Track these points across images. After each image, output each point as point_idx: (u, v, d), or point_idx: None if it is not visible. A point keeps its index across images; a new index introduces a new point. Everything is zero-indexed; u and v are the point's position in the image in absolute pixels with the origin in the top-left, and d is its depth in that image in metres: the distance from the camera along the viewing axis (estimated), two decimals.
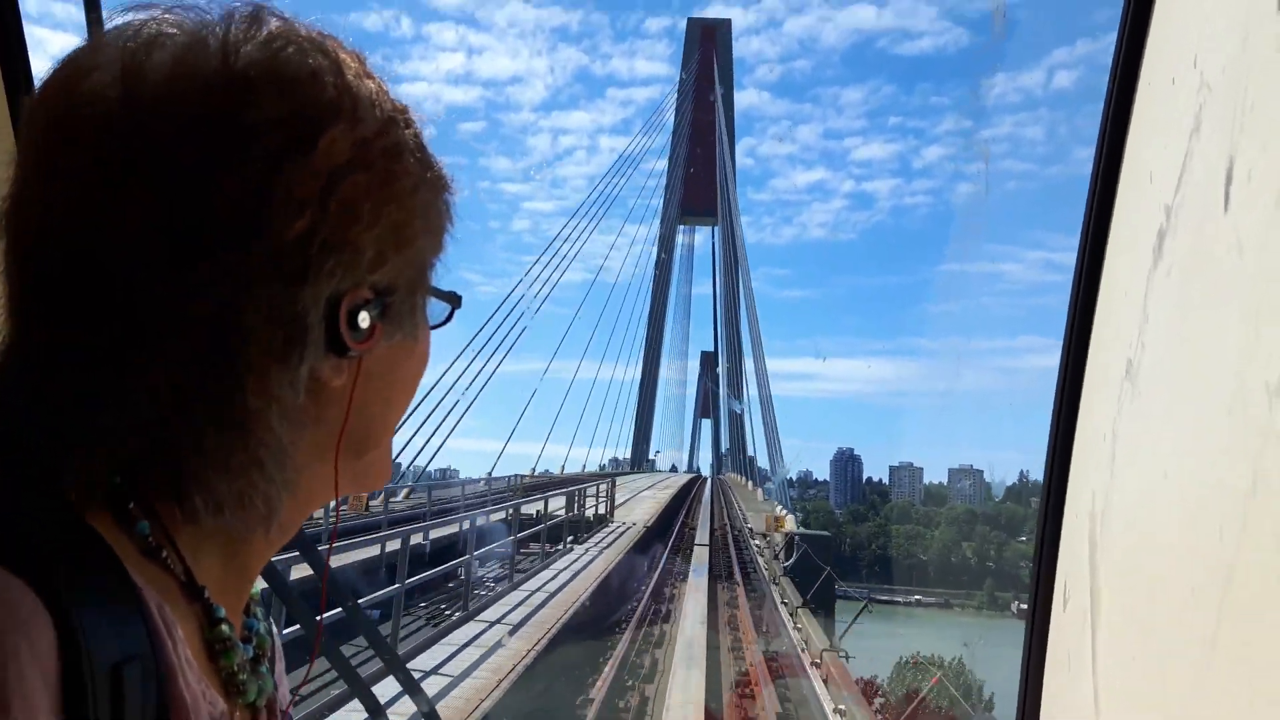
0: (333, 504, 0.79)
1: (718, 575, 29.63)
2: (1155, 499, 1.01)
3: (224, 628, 0.66)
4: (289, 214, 0.61)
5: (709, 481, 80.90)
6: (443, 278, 0.76)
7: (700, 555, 31.15)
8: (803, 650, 18.68)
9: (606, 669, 15.35)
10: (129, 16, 0.66)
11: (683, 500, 50.08)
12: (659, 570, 26.17)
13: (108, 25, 0.65)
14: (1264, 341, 0.83)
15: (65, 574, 0.55)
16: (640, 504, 38.83)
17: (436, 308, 0.77)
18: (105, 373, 0.60)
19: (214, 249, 0.60)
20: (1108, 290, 1.18)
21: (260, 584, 0.80)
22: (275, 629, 0.83)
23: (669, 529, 34.91)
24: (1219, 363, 0.90)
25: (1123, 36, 1.15)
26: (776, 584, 28.46)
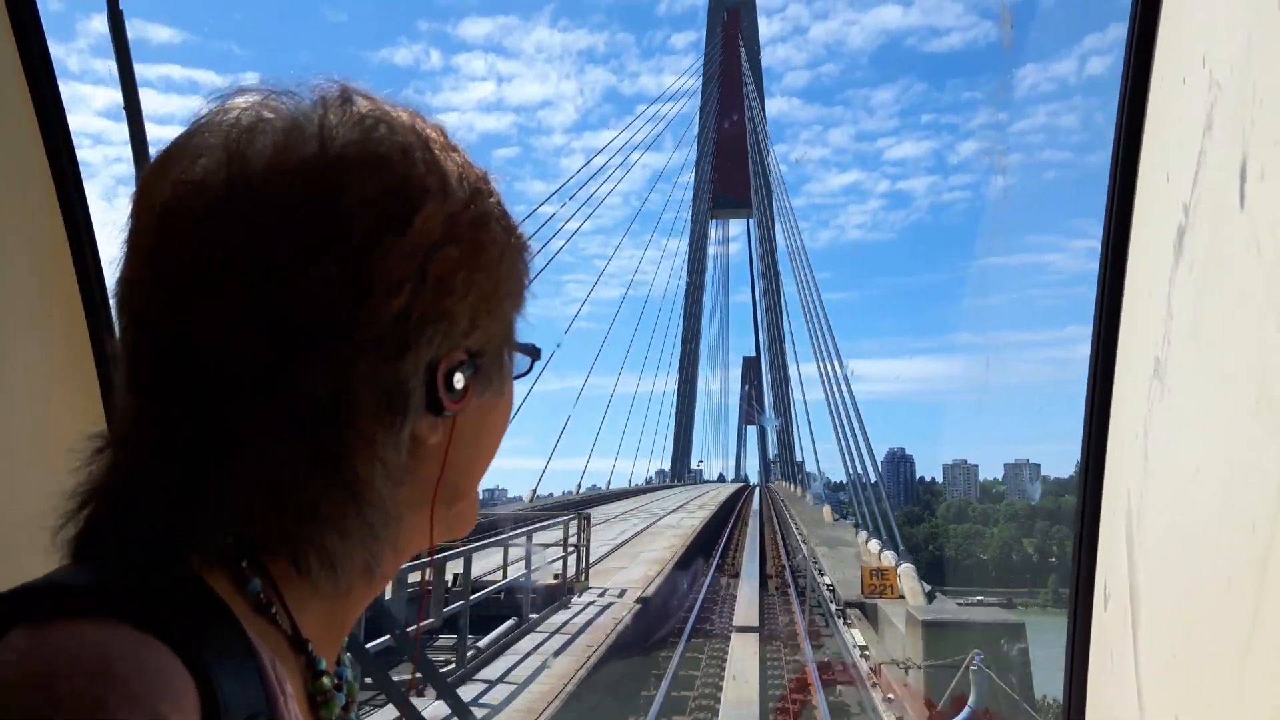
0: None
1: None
2: (1188, 496, 1.02)
3: (325, 680, 0.69)
4: (387, 293, 0.64)
5: (757, 492, 77.41)
6: (522, 332, 0.80)
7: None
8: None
9: None
10: (228, 101, 0.69)
11: (721, 525, 39.91)
12: None
13: (203, 111, 0.68)
14: None
15: (199, 635, 0.58)
16: (652, 543, 25.40)
17: (519, 359, 0.80)
18: (220, 451, 0.63)
19: (318, 333, 0.63)
20: (1132, 289, 1.19)
21: None
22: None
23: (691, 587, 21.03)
24: (1244, 359, 0.91)
25: (1132, 36, 1.16)
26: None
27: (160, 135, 0.74)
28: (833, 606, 20.10)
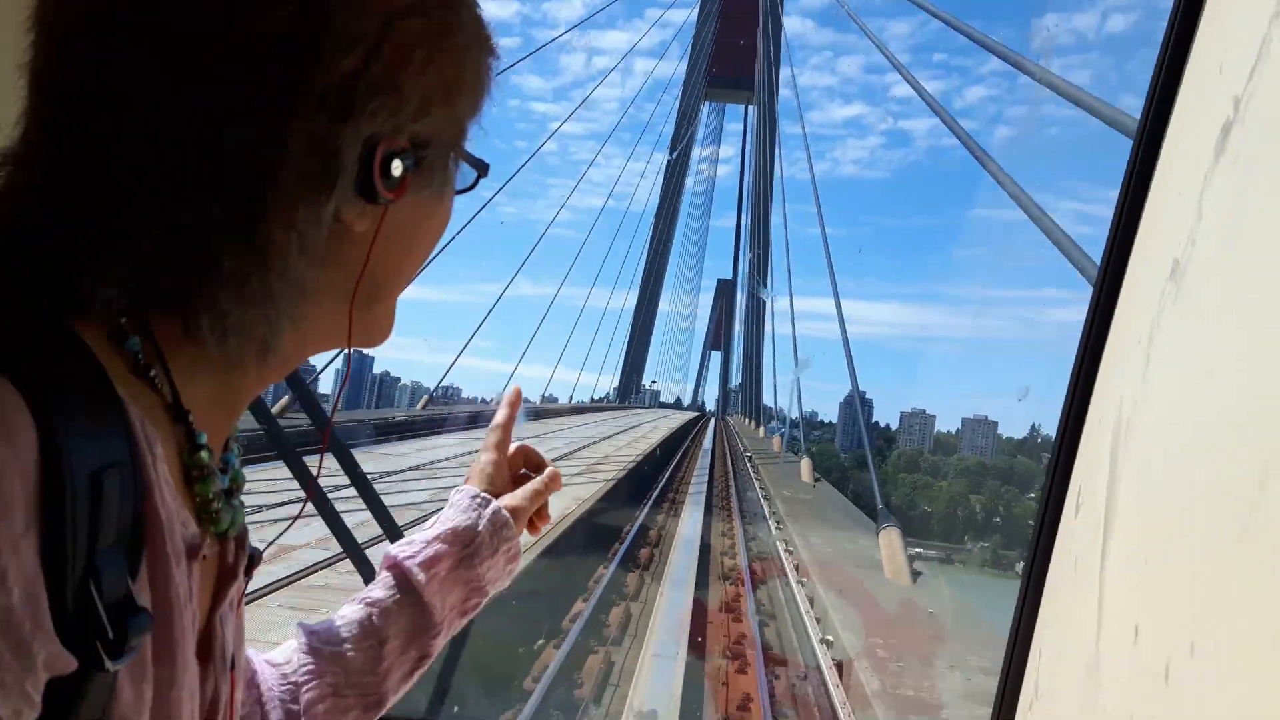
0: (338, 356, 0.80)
1: None
2: (1190, 407, 0.97)
3: (203, 454, 0.66)
4: (339, 50, 0.61)
5: (711, 424, 72.59)
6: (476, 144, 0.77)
7: None
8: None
9: None
10: None
11: (656, 478, 29.91)
12: None
13: None
14: None
15: (48, 380, 0.54)
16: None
17: (465, 171, 0.77)
18: (118, 194, 0.59)
19: (253, 84, 0.59)
20: (1161, 180, 1.13)
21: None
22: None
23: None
24: (1271, 269, 0.85)
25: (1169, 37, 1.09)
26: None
27: None
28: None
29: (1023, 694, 1.24)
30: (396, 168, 0.66)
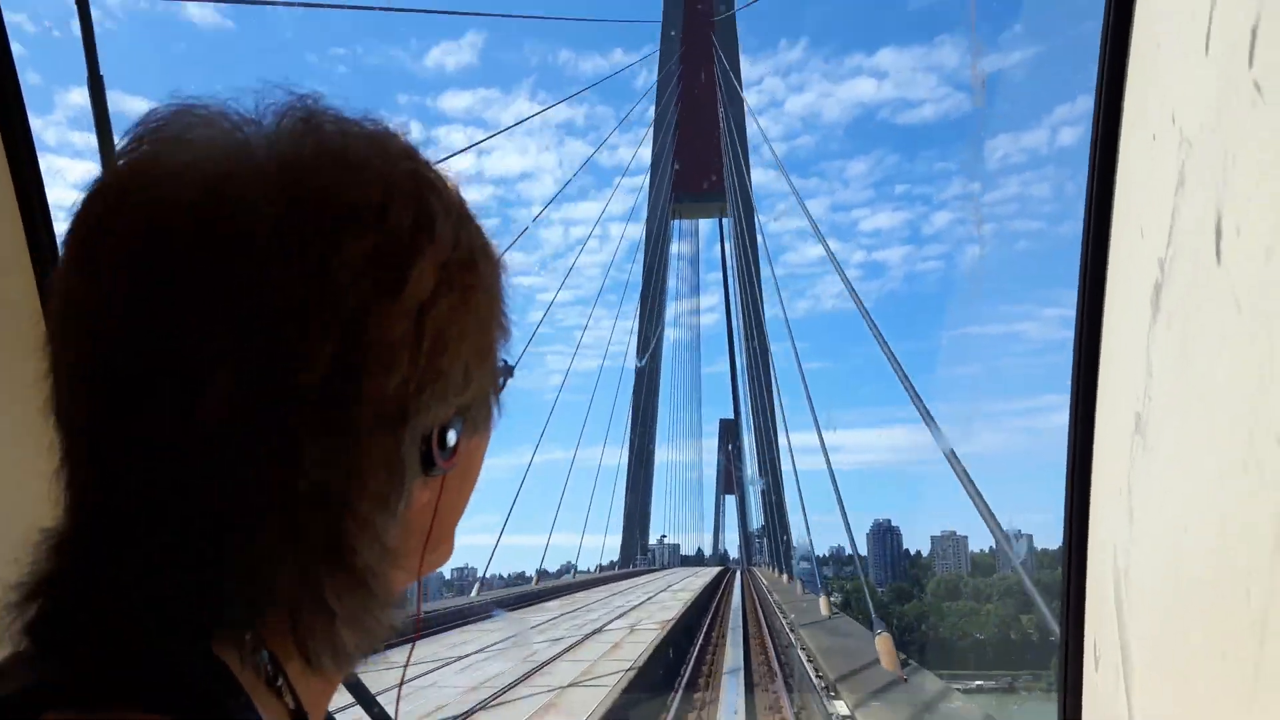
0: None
1: None
2: (1178, 553, 1.00)
3: None
4: (386, 366, 0.58)
5: (737, 586, 51.98)
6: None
7: None
8: None
9: None
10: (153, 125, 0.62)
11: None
12: None
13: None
14: (1269, 394, 0.83)
15: (211, 711, 0.56)
16: None
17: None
18: (213, 536, 0.58)
19: (317, 418, 0.57)
20: (1109, 345, 1.19)
21: None
22: None
23: None
24: (1227, 415, 0.90)
25: (1101, 94, 1.17)
26: None
27: None
28: None
29: None
30: (452, 438, 0.64)
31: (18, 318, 1.28)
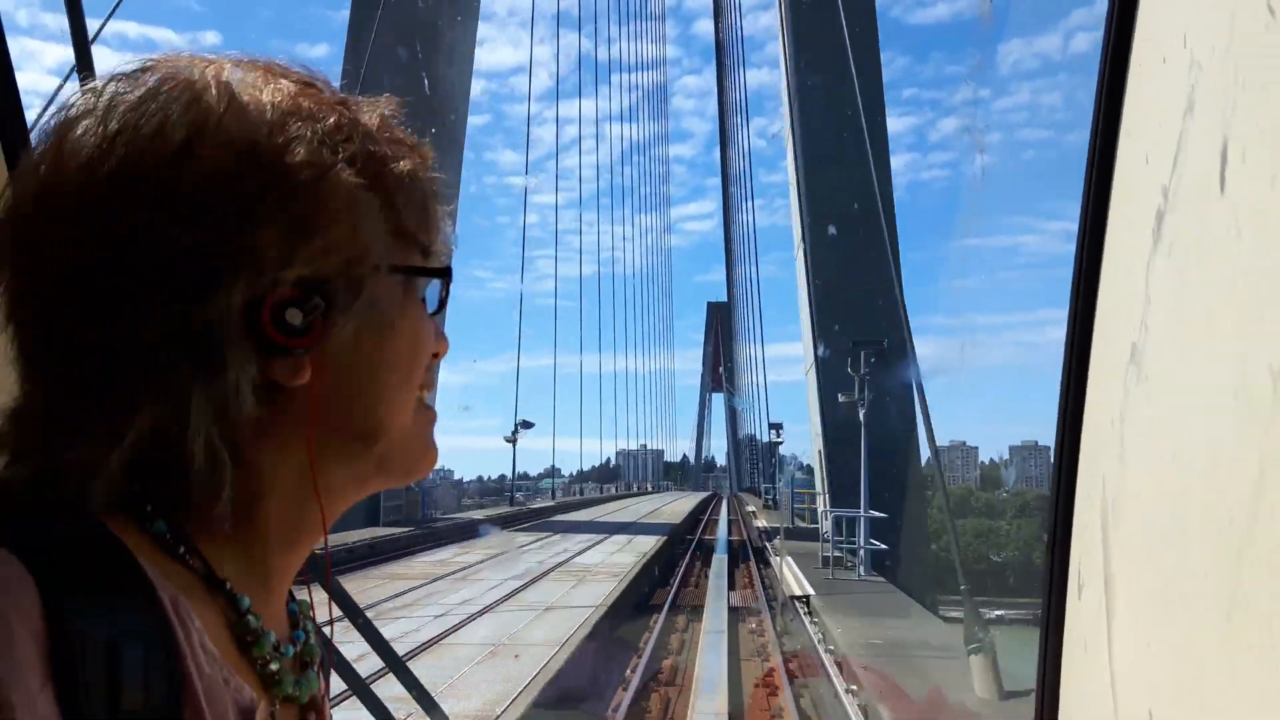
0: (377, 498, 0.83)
1: None
2: (1165, 485, 1.00)
3: (250, 619, 0.69)
4: (171, 235, 0.64)
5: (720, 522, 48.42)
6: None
7: None
8: None
9: None
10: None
11: None
12: None
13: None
14: (1266, 325, 0.82)
15: (60, 555, 0.59)
16: None
17: (426, 287, 0.78)
18: (83, 415, 0.65)
19: (106, 285, 0.64)
20: (1109, 273, 1.17)
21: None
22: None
23: None
24: (1222, 346, 0.89)
25: (1112, 14, 1.13)
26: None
27: None
28: None
29: None
30: (294, 316, 0.67)
31: None
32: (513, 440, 49.29)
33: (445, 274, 0.79)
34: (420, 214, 0.77)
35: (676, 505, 61.46)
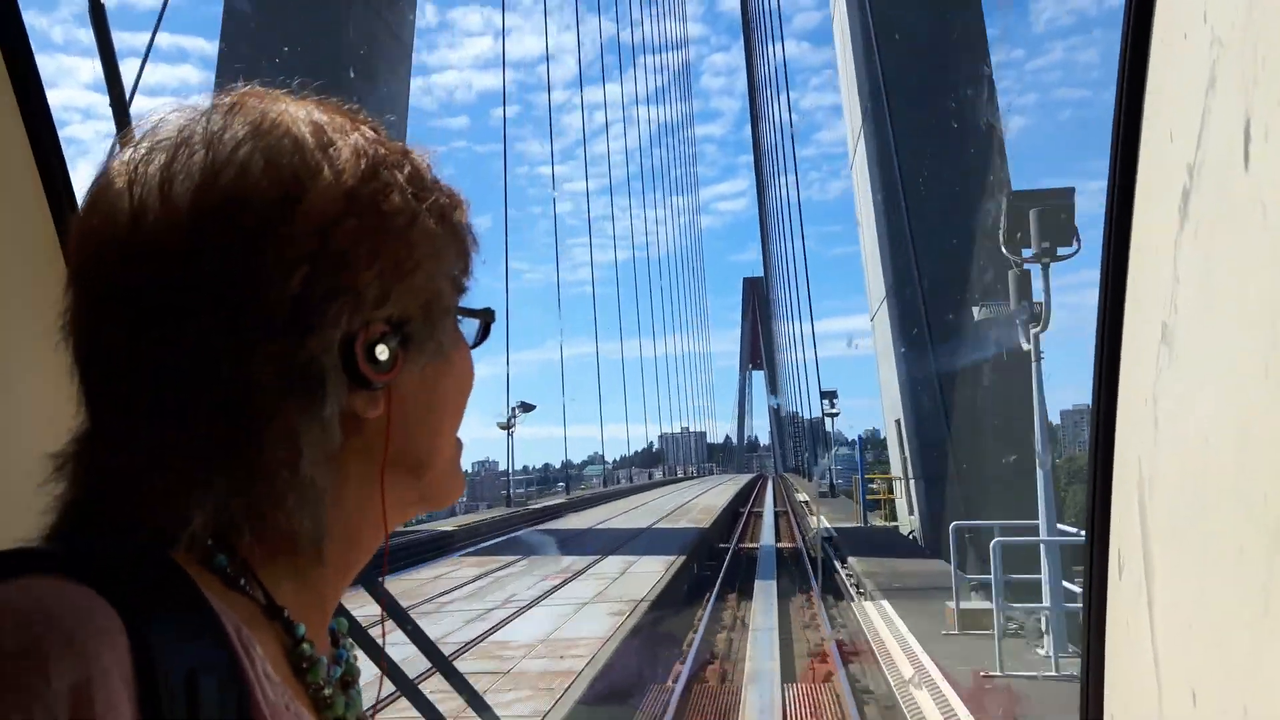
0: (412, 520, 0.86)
1: None
2: (1198, 464, 1.00)
3: (305, 646, 0.73)
4: (281, 276, 0.67)
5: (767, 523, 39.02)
6: (476, 296, 0.83)
7: None
8: None
9: None
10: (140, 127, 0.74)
11: None
12: None
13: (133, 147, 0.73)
14: None
15: (143, 593, 0.61)
16: None
17: (470, 325, 0.83)
18: (150, 448, 0.67)
19: (214, 326, 0.66)
20: (1138, 252, 1.16)
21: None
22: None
23: None
24: (1252, 324, 0.89)
25: None
26: None
27: (146, 106, 0.78)
28: None
29: None
30: (382, 353, 0.71)
31: (24, 235, 1.30)
32: (507, 428, 42.96)
33: (491, 315, 0.84)
34: (465, 260, 0.81)
35: (711, 497, 49.28)
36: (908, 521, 25.38)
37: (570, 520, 35.09)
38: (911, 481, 23.82)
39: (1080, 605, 1.46)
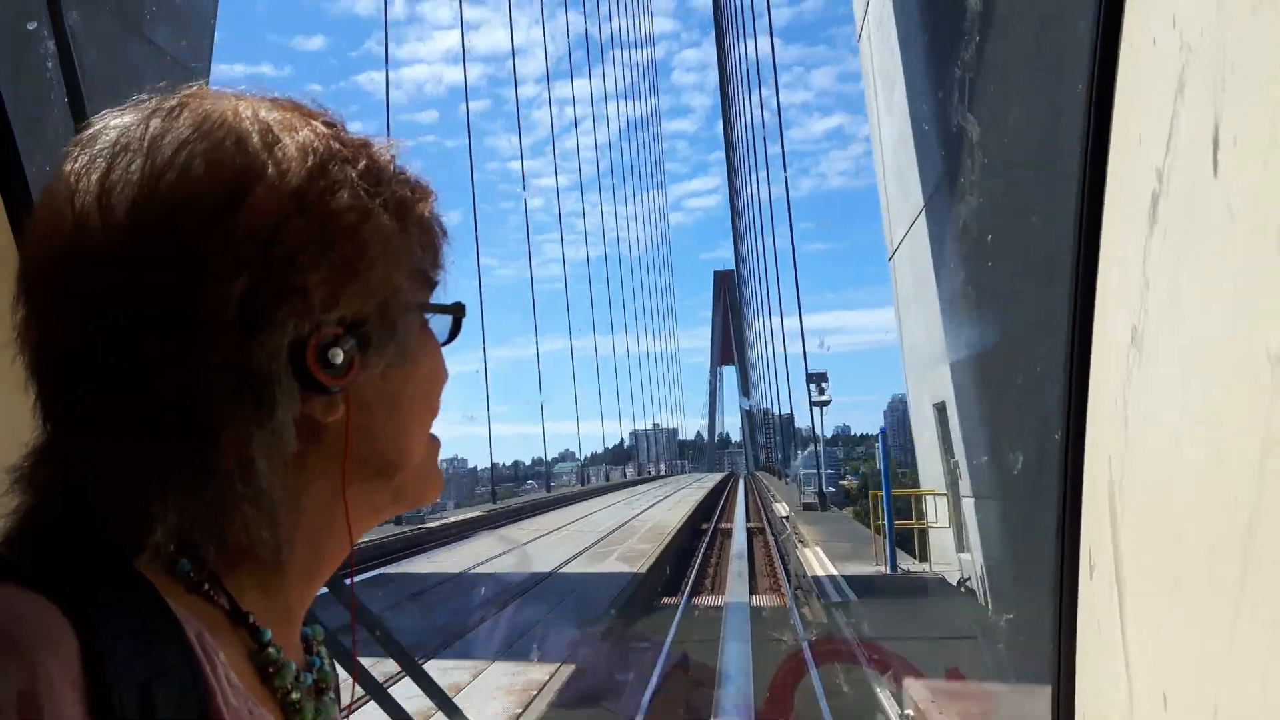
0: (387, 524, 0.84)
1: None
2: (1170, 465, 1.01)
3: (271, 650, 0.71)
4: (225, 279, 0.65)
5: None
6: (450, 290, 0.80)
7: None
8: None
9: None
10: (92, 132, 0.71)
11: None
12: None
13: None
14: (1262, 306, 0.82)
15: (95, 600, 0.60)
16: None
17: (440, 324, 0.81)
18: (117, 457, 0.65)
19: (157, 333, 0.64)
20: (1108, 254, 1.17)
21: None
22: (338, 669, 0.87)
23: None
24: (1221, 328, 0.90)
25: None
26: None
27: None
28: None
29: None
30: (336, 356, 0.69)
31: None
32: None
33: (460, 311, 0.82)
34: (434, 253, 0.79)
35: (668, 507, 38.69)
36: (956, 563, 15.39)
37: (441, 558, 22.36)
38: (967, 501, 14.43)
39: None
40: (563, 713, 9.48)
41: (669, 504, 41.47)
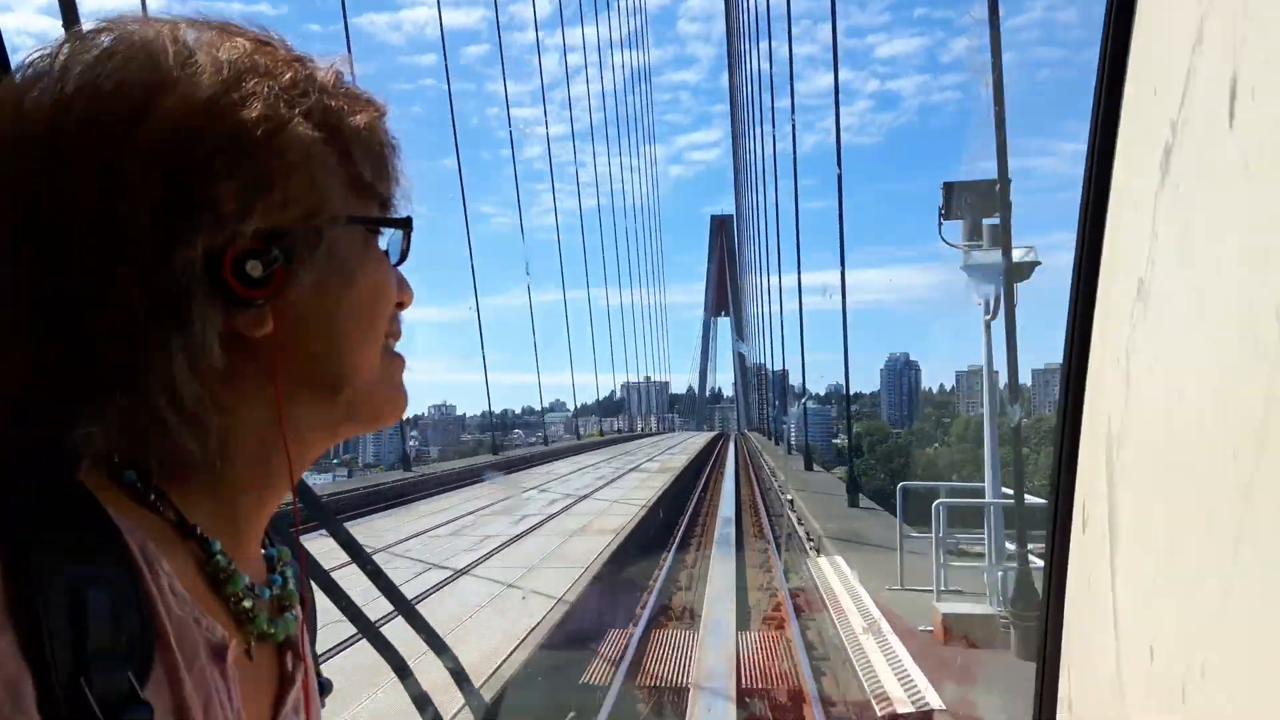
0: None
1: None
2: (1170, 421, 1.00)
3: (220, 558, 0.72)
4: (133, 191, 0.65)
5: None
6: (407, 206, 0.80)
7: None
8: None
9: None
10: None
11: None
12: None
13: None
14: (1271, 264, 0.81)
15: (23, 510, 0.60)
16: None
17: (390, 237, 0.80)
18: (48, 370, 0.67)
19: (75, 240, 0.65)
20: (1116, 207, 1.16)
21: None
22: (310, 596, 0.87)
23: None
24: (1228, 283, 0.89)
25: None
26: None
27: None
28: None
29: (1059, 714, 1.27)
30: (254, 267, 0.69)
31: None
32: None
33: (405, 224, 0.80)
34: (378, 166, 0.78)
35: (640, 480, 32.92)
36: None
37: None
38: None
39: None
40: None
41: (641, 477, 35.51)
